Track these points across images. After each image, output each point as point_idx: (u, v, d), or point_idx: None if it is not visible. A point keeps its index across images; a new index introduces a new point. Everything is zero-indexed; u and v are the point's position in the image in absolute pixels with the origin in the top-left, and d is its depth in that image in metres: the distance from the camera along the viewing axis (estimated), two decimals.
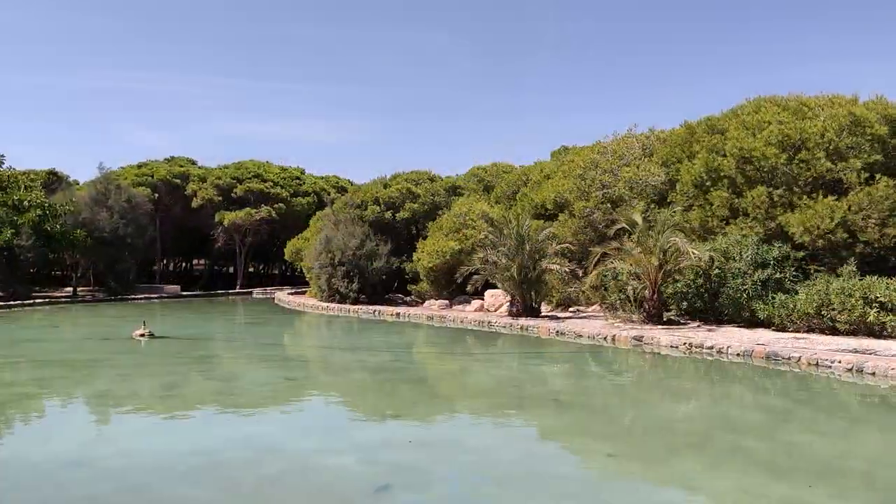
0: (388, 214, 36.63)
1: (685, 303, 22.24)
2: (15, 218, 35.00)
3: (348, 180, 58.15)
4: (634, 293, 22.34)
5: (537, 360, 18.23)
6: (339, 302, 33.26)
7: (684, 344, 18.07)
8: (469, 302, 29.93)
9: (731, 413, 11.76)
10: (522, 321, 23.91)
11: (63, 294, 40.77)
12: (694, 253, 20.44)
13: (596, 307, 26.07)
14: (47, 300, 36.63)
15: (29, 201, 36.55)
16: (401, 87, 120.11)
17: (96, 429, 10.78)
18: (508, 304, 26.14)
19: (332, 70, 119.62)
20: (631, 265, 21.93)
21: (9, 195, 36.30)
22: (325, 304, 33.63)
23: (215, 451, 9.00)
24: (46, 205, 37.25)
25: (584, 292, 26.30)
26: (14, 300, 34.44)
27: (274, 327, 27.81)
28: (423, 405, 12.52)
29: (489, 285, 27.74)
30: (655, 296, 21.77)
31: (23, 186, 38.71)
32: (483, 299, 28.92)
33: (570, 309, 27.08)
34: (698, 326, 21.22)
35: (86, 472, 8.13)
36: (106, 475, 8.04)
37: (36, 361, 17.33)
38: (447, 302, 30.84)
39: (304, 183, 53.11)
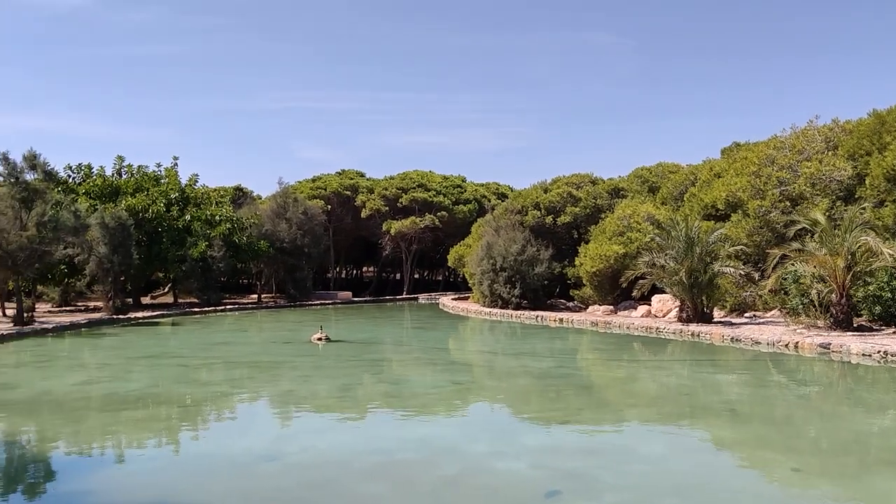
0: (549, 219, 36.49)
1: (878, 307, 20.30)
2: (208, 231, 38.49)
3: (508, 186, 58.60)
4: (819, 297, 20.74)
5: (710, 368, 17.40)
6: (502, 307, 33.54)
7: (878, 352, 16.53)
8: (635, 307, 29.13)
9: None
10: (693, 327, 22.93)
11: (249, 300, 44.24)
12: (889, 253, 18.64)
13: (775, 312, 24.48)
14: (236, 306, 39.94)
15: (220, 216, 40.11)
16: (561, 89, 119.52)
17: (282, 426, 11.61)
18: (677, 309, 25.15)
19: (492, 77, 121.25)
20: (814, 267, 20.39)
21: (202, 210, 40.00)
22: (487, 310, 34.05)
23: (391, 451, 9.41)
24: (234, 218, 40.72)
25: (761, 296, 24.81)
26: (208, 306, 37.88)
27: (439, 332, 28.54)
28: (590, 412, 12.35)
29: (656, 290, 26.85)
30: (843, 300, 20.08)
31: (214, 202, 42.57)
32: (650, 304, 28.03)
33: (746, 314, 25.59)
34: (894, 333, 19.32)
35: (275, 467, 8.78)
36: (293, 470, 8.65)
37: (228, 363, 18.95)
38: (612, 307, 30.19)
39: (465, 191, 54.15)
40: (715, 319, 24.48)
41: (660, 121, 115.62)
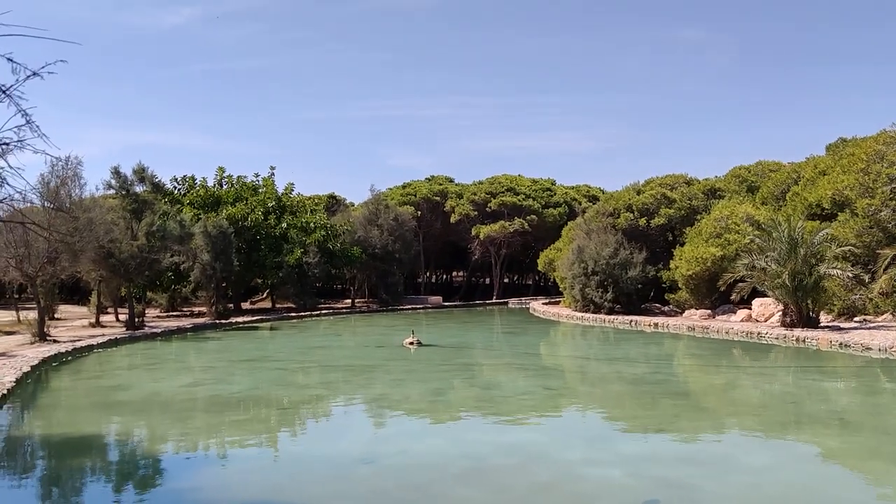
0: (642, 221, 35.67)
1: None
2: (304, 238, 39.62)
3: (599, 188, 57.65)
4: None
5: (817, 375, 16.57)
6: (594, 312, 33.00)
7: None
8: (734, 311, 28.10)
9: None
10: (797, 332, 21.90)
11: (343, 305, 45.26)
12: None
13: (887, 316, 23.10)
14: (330, 311, 40.93)
15: (314, 223, 41.22)
16: (652, 89, 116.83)
17: (376, 429, 11.81)
18: (780, 313, 24.09)
19: (581, 78, 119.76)
20: None
21: (298, 218, 41.23)
22: (579, 314, 33.57)
23: (484, 456, 9.42)
24: (328, 226, 41.76)
25: (871, 300, 23.45)
26: (304, 311, 38.99)
27: (530, 337, 28.34)
28: (688, 419, 11.99)
29: (756, 293, 25.81)
30: None
31: (309, 210, 43.80)
32: (750, 308, 26.97)
33: (856, 319, 24.23)
34: None
35: (371, 469, 8.94)
36: (388, 472, 8.79)
37: (324, 366, 19.44)
38: (709, 311, 29.22)
39: (554, 194, 53.63)
40: (821, 324, 23.29)
41: (757, 119, 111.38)
